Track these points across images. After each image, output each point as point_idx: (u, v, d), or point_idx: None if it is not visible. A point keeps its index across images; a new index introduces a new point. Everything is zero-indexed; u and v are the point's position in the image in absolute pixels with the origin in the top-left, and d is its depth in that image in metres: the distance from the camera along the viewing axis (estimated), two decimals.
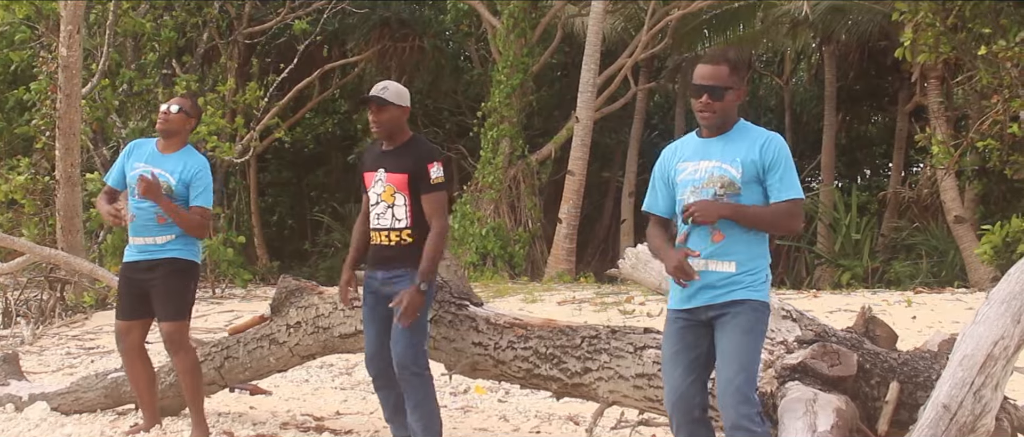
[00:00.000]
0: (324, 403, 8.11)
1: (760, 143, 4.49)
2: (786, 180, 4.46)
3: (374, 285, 5.68)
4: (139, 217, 6.26)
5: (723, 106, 4.49)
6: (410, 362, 5.50)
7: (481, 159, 19.79)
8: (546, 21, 20.24)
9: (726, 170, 4.48)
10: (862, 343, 5.24)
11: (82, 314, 13.23)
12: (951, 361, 4.66)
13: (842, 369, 5.04)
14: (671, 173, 4.68)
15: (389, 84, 5.70)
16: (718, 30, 22.77)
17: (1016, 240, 14.36)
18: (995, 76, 13.89)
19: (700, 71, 4.55)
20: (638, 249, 6.04)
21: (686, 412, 4.55)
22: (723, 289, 4.46)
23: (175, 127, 6.37)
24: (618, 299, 13.13)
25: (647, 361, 5.52)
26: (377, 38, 21.39)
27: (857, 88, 26.16)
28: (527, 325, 5.98)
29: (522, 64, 19.44)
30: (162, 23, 17.14)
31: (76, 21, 12.45)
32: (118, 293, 6.58)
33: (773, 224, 4.54)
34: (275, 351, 6.69)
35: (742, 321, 4.41)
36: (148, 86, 17.35)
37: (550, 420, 7.47)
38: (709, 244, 4.48)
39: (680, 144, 4.76)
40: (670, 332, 4.61)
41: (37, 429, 6.80)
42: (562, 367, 5.75)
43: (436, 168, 5.55)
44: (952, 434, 4.51)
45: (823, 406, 4.70)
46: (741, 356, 4.38)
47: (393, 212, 5.57)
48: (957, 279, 17.59)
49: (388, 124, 5.59)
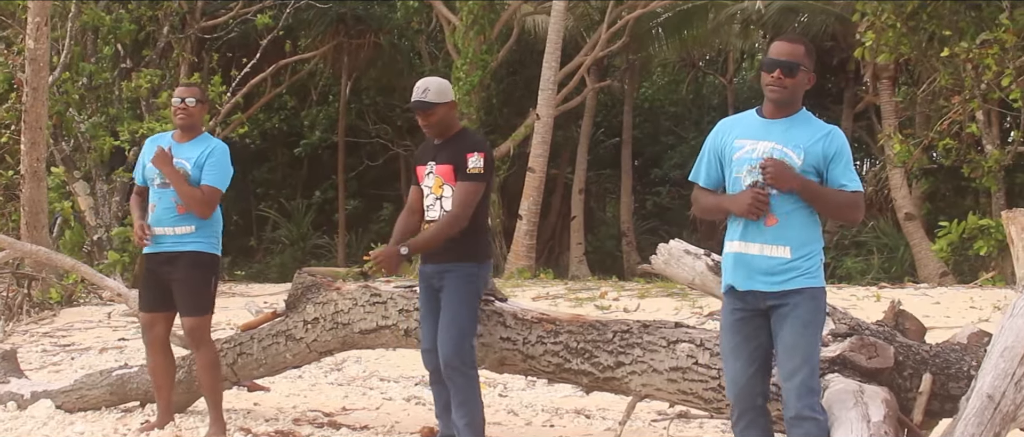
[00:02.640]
0: (326, 399, 8.09)
1: (824, 133, 4.48)
2: (850, 172, 4.48)
3: (426, 278, 5.70)
4: (158, 206, 6.22)
5: (794, 83, 4.44)
6: (456, 360, 5.52)
7: None
8: (505, 19, 20.29)
9: (786, 154, 4.44)
10: (894, 336, 5.37)
11: (50, 311, 13.02)
12: (991, 353, 4.81)
13: (880, 361, 5.16)
14: (725, 148, 4.62)
15: (429, 84, 5.67)
16: (671, 30, 23.02)
17: (972, 237, 14.73)
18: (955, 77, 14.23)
19: (777, 47, 4.50)
20: (670, 245, 6.12)
21: (748, 402, 4.59)
22: (780, 276, 4.45)
23: (197, 118, 6.36)
24: (592, 294, 13.24)
25: (681, 355, 5.60)
26: (333, 34, 21.26)
27: None
28: (555, 320, 6.02)
29: (481, 61, 19.48)
30: (120, 16, 16.86)
31: (44, 14, 12.24)
32: (141, 284, 6.53)
33: (839, 211, 4.58)
34: (292, 347, 6.67)
35: (801, 313, 4.43)
36: (105, 80, 17.09)
37: (558, 414, 7.54)
38: (762, 229, 4.47)
39: (738, 120, 4.71)
40: (728, 324, 4.64)
41: (46, 427, 6.71)
42: (594, 361, 5.81)
43: (475, 158, 5.54)
44: (996, 422, 4.66)
45: (871, 397, 4.82)
46: (803, 348, 4.42)
47: (441, 204, 5.59)
48: (907, 274, 18.00)
49: (438, 125, 5.62)
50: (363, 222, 28.09)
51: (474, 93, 19.50)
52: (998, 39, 13.42)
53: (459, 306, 5.59)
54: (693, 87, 30.58)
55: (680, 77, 30.62)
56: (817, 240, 4.57)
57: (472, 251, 5.64)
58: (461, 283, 5.56)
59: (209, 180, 6.17)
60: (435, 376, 5.81)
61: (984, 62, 13.41)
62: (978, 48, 13.51)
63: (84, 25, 16.56)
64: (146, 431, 6.48)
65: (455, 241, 5.55)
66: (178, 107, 6.34)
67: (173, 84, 18.03)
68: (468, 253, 5.59)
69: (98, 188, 16.88)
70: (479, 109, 19.86)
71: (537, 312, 6.13)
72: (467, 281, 5.61)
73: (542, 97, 18.57)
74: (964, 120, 14.49)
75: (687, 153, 27.80)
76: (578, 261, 23.48)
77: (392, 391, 8.49)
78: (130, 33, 16.79)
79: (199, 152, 6.22)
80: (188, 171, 6.18)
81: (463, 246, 5.55)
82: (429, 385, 6.05)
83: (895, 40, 14.56)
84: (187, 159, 6.20)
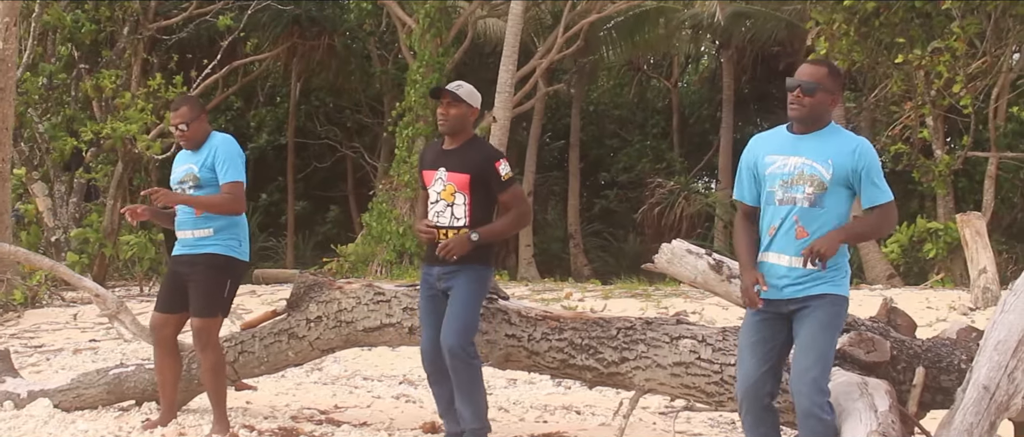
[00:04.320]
0: (315, 398, 8.19)
1: (853, 147, 4.67)
2: (880, 185, 4.69)
3: (430, 280, 5.84)
4: (180, 212, 6.35)
5: (813, 102, 4.64)
6: (459, 348, 5.65)
7: (396, 158, 19.90)
8: (462, 22, 20.46)
9: (816, 168, 4.65)
10: (888, 331, 5.65)
11: (14, 312, 12.93)
12: (985, 347, 5.09)
13: (878, 355, 5.44)
14: (758, 163, 4.83)
15: (463, 83, 5.87)
16: (623, 35, 23.33)
17: (921, 240, 15.18)
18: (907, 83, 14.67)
19: (801, 70, 4.75)
20: (673, 245, 6.33)
21: (756, 399, 4.80)
22: (807, 284, 4.68)
23: (199, 137, 6.39)
24: (557, 295, 13.45)
25: (684, 350, 5.83)
26: (287, 36, 21.28)
27: (746, 92, 27.11)
28: (559, 318, 6.23)
29: (438, 63, 19.62)
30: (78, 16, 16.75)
31: (13, 14, 12.15)
32: (162, 285, 6.61)
33: (878, 231, 4.89)
34: (294, 345, 6.78)
35: (821, 315, 4.66)
36: (64, 81, 16.97)
37: (548, 410, 7.73)
38: (793, 241, 4.70)
39: (769, 136, 4.92)
40: (749, 323, 4.86)
41: (48, 426, 6.74)
42: (598, 357, 6.01)
43: (504, 165, 5.74)
44: (991, 411, 4.95)
45: (875, 388, 5.08)
46: (818, 348, 4.65)
47: (453, 211, 5.73)
48: (856, 277, 18.44)
49: (455, 120, 5.76)
50: (311, 224, 28.08)
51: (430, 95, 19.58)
52: (949, 47, 13.88)
53: (467, 301, 5.75)
54: (638, 91, 30.99)
55: (625, 81, 31.01)
56: (843, 254, 4.78)
57: (484, 254, 5.81)
58: (471, 282, 5.73)
59: (227, 176, 6.25)
60: (434, 377, 5.91)
61: (936, 69, 13.85)
62: (930, 55, 13.95)
63: (45, 25, 16.44)
64: (149, 428, 6.56)
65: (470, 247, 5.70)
66: (177, 135, 6.42)
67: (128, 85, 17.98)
68: (480, 256, 5.75)
69: (56, 189, 16.76)
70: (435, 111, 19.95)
71: (540, 310, 6.33)
72: (477, 281, 5.78)
73: (499, 100, 18.76)
74: (916, 126, 14.94)
75: (634, 156, 28.17)
76: (527, 263, 23.72)
77: (379, 390, 8.62)
78: (91, 33, 16.68)
79: (205, 154, 6.31)
80: (195, 174, 6.29)
81: (477, 251, 5.70)
82: (429, 386, 6.13)
83: (848, 47, 14.97)
84: (193, 163, 6.31)
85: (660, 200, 24.33)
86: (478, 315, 5.83)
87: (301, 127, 26.36)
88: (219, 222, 6.28)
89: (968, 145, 15.19)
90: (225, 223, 6.34)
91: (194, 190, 6.34)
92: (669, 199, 24.16)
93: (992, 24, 14.51)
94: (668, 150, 27.78)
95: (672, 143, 28.19)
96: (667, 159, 27.12)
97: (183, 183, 6.42)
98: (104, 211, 16.55)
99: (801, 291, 4.69)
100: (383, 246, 18.53)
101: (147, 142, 15.79)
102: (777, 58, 24.41)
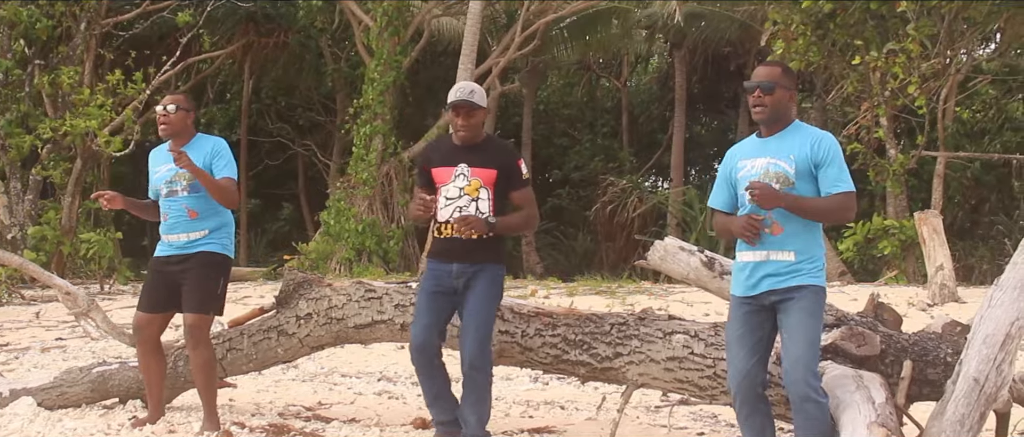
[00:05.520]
0: (296, 395, 8.21)
1: (812, 140, 4.90)
2: (839, 175, 4.88)
3: (445, 278, 5.82)
4: (170, 215, 6.32)
5: (773, 100, 4.89)
6: (480, 360, 5.69)
7: (354, 155, 19.87)
8: (419, 20, 20.49)
9: (780, 166, 4.88)
10: (876, 326, 5.81)
11: None
12: (974, 340, 5.25)
13: (868, 349, 5.61)
14: (732, 171, 5.09)
15: (473, 87, 5.91)
16: (575, 34, 23.47)
17: (875, 238, 15.48)
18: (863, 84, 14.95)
19: (756, 72, 5.02)
20: (666, 242, 6.47)
21: (750, 389, 4.96)
22: (786, 276, 4.86)
23: (178, 127, 6.40)
24: (522, 293, 13.54)
25: (677, 345, 5.96)
26: (242, 32, 21.15)
27: (696, 92, 27.40)
28: (552, 314, 6.32)
29: (395, 62, 19.63)
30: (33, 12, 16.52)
31: None
32: (145, 286, 6.57)
33: (827, 215, 4.99)
34: (283, 342, 6.81)
35: (806, 304, 4.84)
36: (19, 77, 16.74)
37: (532, 406, 7.82)
38: (769, 237, 4.89)
39: (742, 144, 5.19)
40: (735, 317, 5.02)
41: (34, 425, 6.68)
42: (592, 352, 6.12)
43: (523, 164, 5.89)
44: (981, 402, 5.12)
45: (870, 381, 5.24)
46: (808, 335, 4.81)
47: (478, 205, 5.76)
48: None
49: (477, 126, 5.82)
50: (262, 222, 27.93)
51: (388, 93, 19.63)
52: (904, 49, 14.20)
53: (488, 306, 5.80)
54: (587, 90, 31.17)
55: (574, 80, 31.18)
56: (819, 246, 5.01)
57: (502, 253, 5.89)
58: (491, 284, 5.78)
59: (225, 172, 6.30)
60: (425, 370, 5.87)
61: (892, 70, 14.15)
62: (886, 57, 14.25)
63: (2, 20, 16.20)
64: (138, 427, 6.53)
65: (490, 242, 5.78)
66: (160, 115, 6.42)
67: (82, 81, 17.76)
68: (499, 255, 5.82)
69: (12, 186, 16.52)
70: (393, 109, 20.01)
71: (532, 306, 6.42)
72: (496, 282, 5.85)
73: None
74: (872, 126, 15.24)
75: (585, 155, 28.34)
76: None
77: (358, 386, 8.65)
78: (46, 29, 16.46)
79: (202, 153, 6.33)
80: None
81: (497, 248, 5.79)
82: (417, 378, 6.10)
83: (804, 48, 15.23)
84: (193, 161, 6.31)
85: (612, 198, 24.50)
86: (493, 321, 5.89)
87: (252, 125, 26.21)
88: (213, 223, 6.31)
89: (923, 144, 15.53)
90: (218, 223, 6.37)
91: (188, 192, 6.34)
92: (622, 197, 24.33)
93: (945, 26, 14.86)
94: (619, 149, 27.99)
95: (622, 142, 28.40)
96: (619, 158, 27.31)
97: (173, 183, 6.41)
98: (61, 208, 16.36)
99: (781, 282, 4.86)
100: (341, 244, 18.50)
101: (107, 138, 15.62)
102: (728, 59, 24.70)
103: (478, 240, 5.77)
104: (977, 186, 20.32)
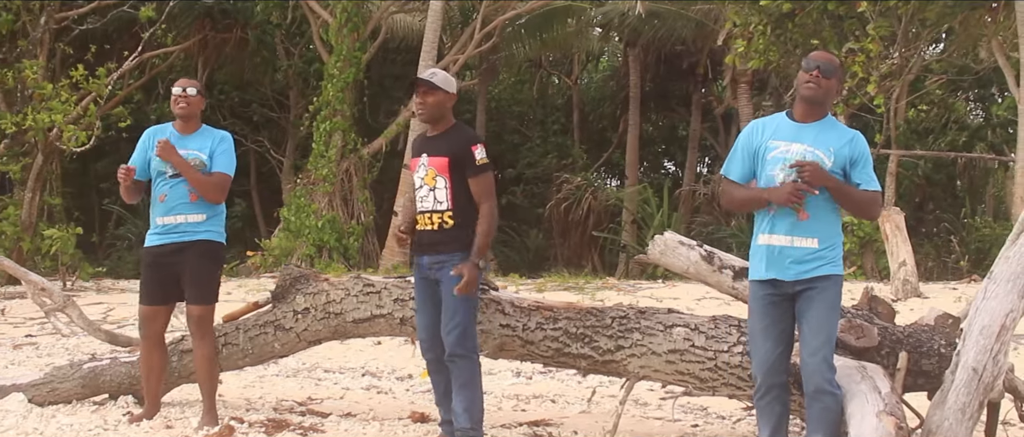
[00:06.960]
0: (284, 390, 8.23)
1: (849, 138, 5.04)
2: (871, 174, 5.06)
3: (423, 270, 5.86)
4: (170, 196, 6.31)
5: (828, 84, 4.98)
6: (459, 348, 5.70)
7: (314, 151, 19.82)
8: (379, 17, 20.49)
9: (818, 156, 4.96)
10: (871, 318, 5.97)
11: None
12: (971, 331, 5.42)
13: (867, 341, 5.75)
14: (759, 147, 5.11)
15: (437, 70, 5.98)
16: (530, 32, 23.57)
17: None
18: None
19: (818, 54, 5.08)
20: (665, 237, 6.56)
21: (775, 379, 5.07)
22: (810, 264, 4.96)
23: (196, 109, 6.48)
24: None
25: (677, 338, 6.06)
26: (198, 28, 20.98)
27: (648, 90, 27.63)
28: (552, 307, 6.40)
29: (354, 58, 19.60)
30: None
31: None
32: (144, 278, 6.53)
33: (861, 207, 5.15)
34: (280, 337, 6.83)
35: (828, 297, 4.96)
36: None
37: (523, 399, 7.90)
38: (794, 223, 4.98)
39: (770, 121, 5.20)
40: (757, 307, 5.12)
41: (27, 421, 6.64)
42: (594, 345, 6.21)
43: (480, 150, 5.77)
44: (980, 391, 5.28)
45: (874, 372, 5.39)
46: (827, 328, 4.95)
47: (434, 195, 5.76)
48: None
49: (433, 107, 5.79)
50: None
51: (347, 90, 19.62)
52: (864, 48, 14.49)
53: (461, 297, 5.74)
54: (538, 87, 31.30)
55: (526, 78, 31.30)
56: (839, 234, 5.12)
57: (469, 243, 5.74)
58: None
59: (220, 167, 6.33)
60: (433, 366, 5.94)
61: (852, 69, 14.44)
62: (845, 56, 14.52)
63: None
64: (135, 422, 6.52)
65: (450, 231, 5.74)
66: (178, 96, 6.43)
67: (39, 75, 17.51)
68: (466, 244, 5.72)
69: None
70: (352, 106, 20.00)
71: (532, 300, 6.50)
72: None
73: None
74: None
75: (537, 152, 28.47)
76: None
77: (344, 382, 8.69)
78: (7, 23, 16.21)
79: (210, 143, 6.36)
80: (203, 161, 6.32)
81: (463, 238, 5.71)
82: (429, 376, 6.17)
83: (764, 47, 15.47)
84: (199, 150, 6.33)
85: (567, 196, 24.66)
86: (474, 308, 5.83)
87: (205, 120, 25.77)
88: (211, 209, 6.33)
89: (881, 142, 15.85)
90: (216, 210, 6.41)
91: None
92: (576, 195, 24.50)
93: (902, 27, 15.17)
94: (571, 146, 28.15)
95: (573, 139, 28.57)
96: (571, 155, 27.47)
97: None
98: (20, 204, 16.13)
99: (807, 272, 4.96)
100: (301, 240, 18.46)
101: (73, 131, 15.44)
102: (680, 57, 24.96)
103: (438, 230, 5.76)
104: (928, 184, 20.75)
